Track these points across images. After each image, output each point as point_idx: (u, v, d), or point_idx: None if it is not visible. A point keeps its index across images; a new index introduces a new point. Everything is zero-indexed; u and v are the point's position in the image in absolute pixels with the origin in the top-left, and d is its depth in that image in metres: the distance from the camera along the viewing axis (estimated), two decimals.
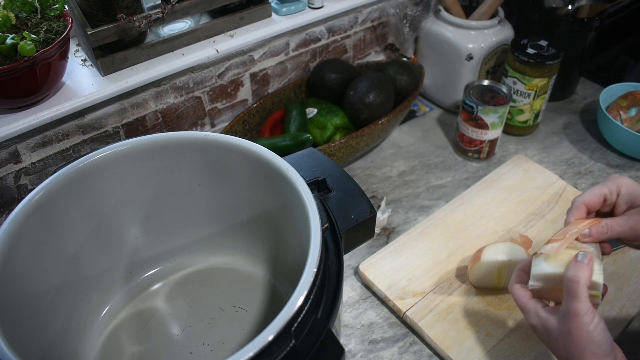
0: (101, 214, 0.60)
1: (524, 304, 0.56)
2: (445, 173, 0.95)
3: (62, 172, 0.54)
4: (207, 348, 0.61)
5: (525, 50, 0.94)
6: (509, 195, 0.88)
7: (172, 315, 0.64)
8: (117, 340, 0.62)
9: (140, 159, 0.59)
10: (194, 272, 0.69)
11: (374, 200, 0.90)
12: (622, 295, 0.73)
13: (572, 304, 0.50)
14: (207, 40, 0.87)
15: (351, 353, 0.68)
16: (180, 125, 0.90)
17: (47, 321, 0.54)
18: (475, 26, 0.99)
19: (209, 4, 0.83)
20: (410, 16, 1.05)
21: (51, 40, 0.70)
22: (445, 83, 1.07)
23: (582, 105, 1.11)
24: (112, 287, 0.64)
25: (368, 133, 0.89)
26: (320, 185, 0.58)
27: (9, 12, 0.70)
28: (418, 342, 0.69)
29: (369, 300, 0.75)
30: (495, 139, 0.95)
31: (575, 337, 0.50)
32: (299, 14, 0.94)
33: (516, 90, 0.97)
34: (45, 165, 0.78)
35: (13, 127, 0.71)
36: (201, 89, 0.89)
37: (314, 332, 0.43)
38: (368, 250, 0.81)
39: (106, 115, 0.80)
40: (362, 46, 1.11)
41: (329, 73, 0.98)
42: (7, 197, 0.77)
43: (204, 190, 0.64)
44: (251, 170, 0.59)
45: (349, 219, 0.54)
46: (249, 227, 0.66)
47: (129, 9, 0.77)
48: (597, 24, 1.01)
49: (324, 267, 0.47)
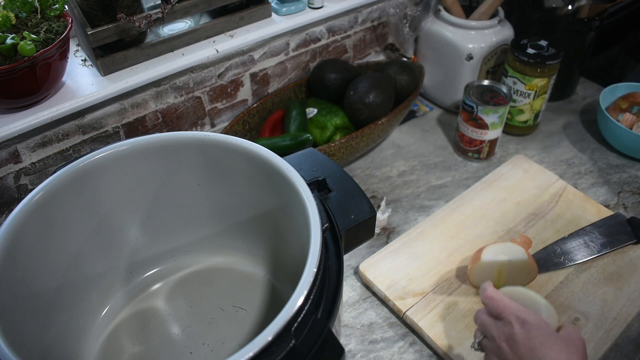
0: (101, 214, 0.60)
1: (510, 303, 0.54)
2: (445, 173, 0.95)
3: (62, 172, 0.54)
4: (207, 348, 0.61)
5: (525, 50, 0.94)
6: (509, 195, 0.88)
7: (172, 315, 0.64)
8: (117, 340, 0.62)
9: (140, 159, 0.59)
10: (194, 272, 0.69)
11: (374, 200, 0.90)
12: (622, 295, 0.73)
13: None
14: (207, 40, 0.87)
15: (351, 353, 0.68)
16: (180, 125, 0.90)
17: (47, 321, 0.54)
18: (475, 26, 0.99)
19: (209, 4, 0.83)
20: (410, 16, 1.05)
21: (51, 40, 0.70)
22: (445, 83, 1.07)
23: (582, 105, 1.11)
24: (112, 287, 0.64)
25: (368, 133, 0.89)
26: (320, 185, 0.58)
27: (9, 12, 0.70)
28: (418, 342, 0.69)
29: (369, 300, 0.75)
30: (495, 139, 0.95)
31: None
32: (299, 14, 0.94)
33: (516, 90, 0.97)
34: (45, 165, 0.78)
35: (13, 127, 0.71)
36: (201, 89, 0.89)
37: (314, 332, 0.43)
38: (368, 250, 0.81)
39: (106, 115, 0.80)
40: (362, 46, 1.11)
41: (329, 73, 0.98)
42: (7, 197, 0.77)
43: (204, 190, 0.64)
44: (251, 170, 0.59)
45: (349, 219, 0.54)
46: (249, 227, 0.66)
47: (129, 9, 0.77)
48: (597, 24, 1.00)
49: (324, 267, 0.47)
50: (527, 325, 0.51)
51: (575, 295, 0.73)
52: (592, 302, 0.72)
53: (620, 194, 0.90)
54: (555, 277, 0.75)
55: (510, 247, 0.71)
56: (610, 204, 0.88)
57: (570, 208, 0.85)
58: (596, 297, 0.72)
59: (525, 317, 0.51)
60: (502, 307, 0.53)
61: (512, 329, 0.51)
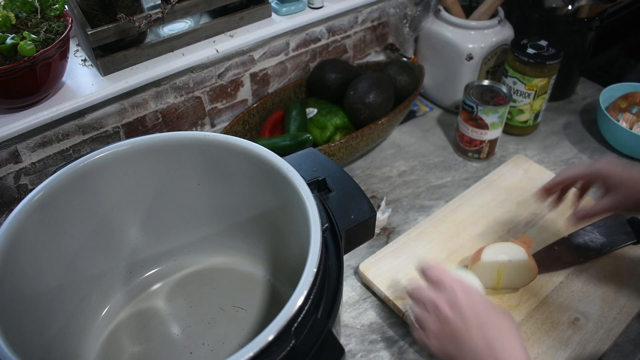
0: (101, 214, 0.60)
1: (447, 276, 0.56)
2: (445, 173, 0.95)
3: (62, 172, 0.54)
4: (207, 348, 0.61)
5: (525, 50, 0.94)
6: (509, 195, 0.88)
7: (172, 315, 0.64)
8: (117, 340, 0.62)
9: (140, 159, 0.59)
10: (194, 272, 0.69)
11: (374, 200, 0.90)
12: (622, 295, 0.73)
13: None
14: (207, 40, 0.87)
15: (351, 353, 0.68)
16: (180, 125, 0.90)
17: (47, 321, 0.54)
18: (475, 26, 0.99)
19: (209, 4, 0.83)
20: (410, 16, 1.05)
21: (51, 40, 0.70)
22: (445, 83, 1.07)
23: (582, 105, 1.11)
24: (112, 287, 0.64)
25: (368, 133, 0.89)
26: (320, 185, 0.58)
27: (9, 12, 0.70)
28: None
29: (369, 300, 0.75)
30: (495, 139, 0.95)
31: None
32: (299, 14, 0.94)
33: (516, 90, 0.97)
34: (45, 165, 0.78)
35: (13, 127, 0.71)
36: (201, 89, 0.89)
37: (314, 332, 0.43)
38: (368, 250, 0.81)
39: (106, 115, 0.80)
40: (362, 46, 1.11)
41: (329, 73, 0.98)
42: (7, 197, 0.77)
43: (204, 190, 0.64)
44: (251, 170, 0.59)
45: (349, 219, 0.54)
46: (249, 227, 0.66)
47: (129, 9, 0.77)
48: (597, 24, 1.00)
49: (324, 267, 0.47)
50: (469, 292, 0.54)
51: (575, 295, 0.73)
52: (592, 302, 0.72)
53: None
54: (555, 277, 0.75)
55: (511, 247, 0.71)
56: None
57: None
58: (596, 297, 0.72)
59: (465, 285, 0.55)
60: (443, 274, 0.56)
61: (455, 297, 0.53)
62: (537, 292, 0.73)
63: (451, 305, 0.53)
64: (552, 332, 0.68)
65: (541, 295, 0.73)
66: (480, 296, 0.54)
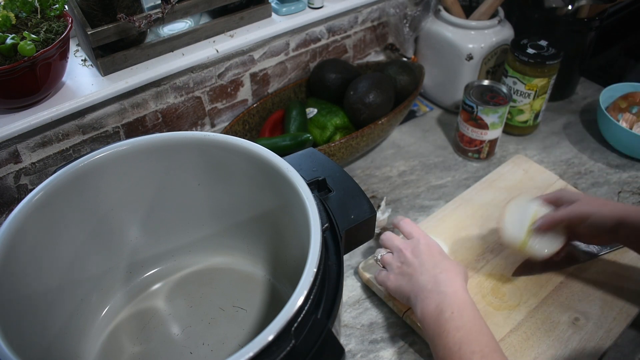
0: (101, 214, 0.60)
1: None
2: (445, 173, 0.95)
3: (62, 172, 0.54)
4: (207, 348, 0.61)
5: (525, 50, 0.94)
6: (509, 195, 0.87)
7: (172, 315, 0.64)
8: (117, 340, 0.62)
9: (140, 159, 0.59)
10: (194, 272, 0.69)
11: (374, 200, 0.90)
12: (622, 295, 0.73)
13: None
14: (207, 40, 0.87)
15: (351, 353, 0.68)
16: (180, 125, 0.90)
17: (47, 321, 0.54)
18: (475, 26, 0.99)
19: (209, 4, 0.83)
20: (410, 16, 1.05)
21: (51, 40, 0.70)
22: (445, 83, 1.07)
23: (582, 105, 1.11)
24: (112, 287, 0.64)
25: (368, 133, 0.89)
26: (320, 185, 0.58)
27: (9, 12, 0.70)
28: (418, 342, 0.69)
29: (369, 300, 0.75)
30: (495, 139, 0.95)
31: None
32: (299, 14, 0.94)
33: (516, 90, 0.97)
34: (45, 165, 0.78)
35: (13, 127, 0.71)
36: (201, 89, 0.89)
37: (314, 332, 0.43)
38: (368, 250, 0.81)
39: (106, 115, 0.80)
40: (362, 46, 1.11)
41: (329, 73, 0.98)
42: (7, 197, 0.77)
43: (204, 190, 0.64)
44: (251, 170, 0.59)
45: (349, 219, 0.54)
46: (249, 227, 0.66)
47: (129, 9, 0.77)
48: (597, 24, 1.00)
49: (324, 267, 0.47)
50: (430, 243, 0.67)
51: (575, 295, 0.73)
52: (592, 302, 0.72)
53: (620, 193, 0.90)
54: (555, 277, 0.75)
55: (538, 201, 0.72)
56: None
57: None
58: (596, 297, 0.72)
59: (430, 239, 0.68)
60: (415, 228, 0.70)
61: (419, 245, 0.66)
62: (537, 292, 0.73)
63: (413, 251, 0.66)
64: (552, 332, 0.68)
65: (541, 295, 0.73)
66: (440, 248, 0.67)
